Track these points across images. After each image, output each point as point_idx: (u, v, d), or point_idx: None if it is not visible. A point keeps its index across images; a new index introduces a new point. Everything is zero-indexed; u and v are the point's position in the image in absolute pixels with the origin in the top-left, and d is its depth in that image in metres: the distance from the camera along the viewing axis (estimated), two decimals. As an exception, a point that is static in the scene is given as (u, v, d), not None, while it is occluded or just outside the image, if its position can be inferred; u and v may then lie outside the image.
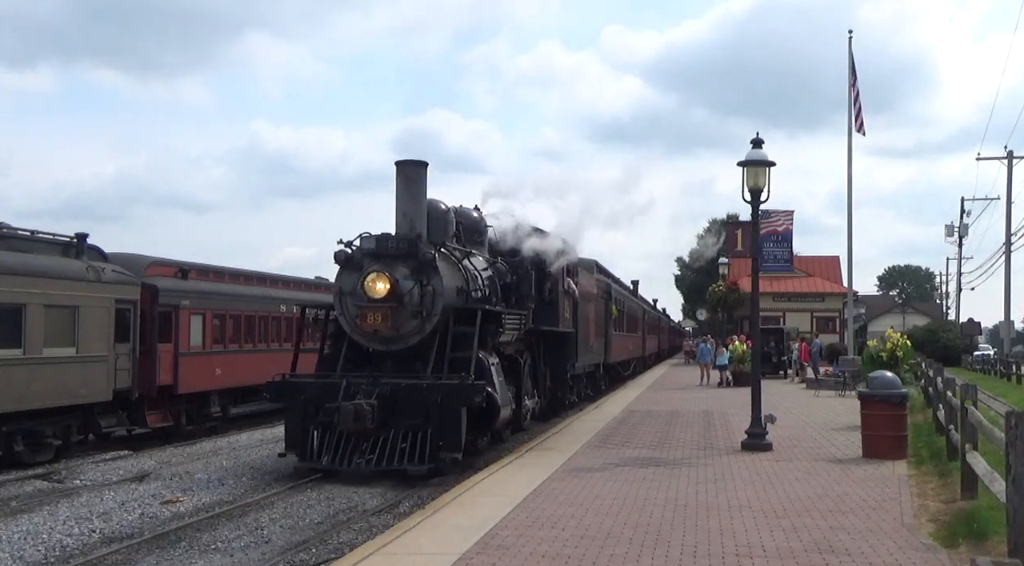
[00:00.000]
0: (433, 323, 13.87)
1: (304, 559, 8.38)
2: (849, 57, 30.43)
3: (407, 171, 14.61)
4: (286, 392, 13.86)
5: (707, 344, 37.16)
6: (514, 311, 16.03)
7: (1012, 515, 6.61)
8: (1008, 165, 48.39)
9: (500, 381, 14.07)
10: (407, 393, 13.12)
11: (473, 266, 15.64)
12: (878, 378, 13.69)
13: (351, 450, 12.99)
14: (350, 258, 14.25)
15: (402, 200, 14.46)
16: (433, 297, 13.88)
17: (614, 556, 7.33)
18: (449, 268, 14.53)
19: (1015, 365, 37.55)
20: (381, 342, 14.07)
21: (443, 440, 12.91)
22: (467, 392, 13.02)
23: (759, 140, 14.40)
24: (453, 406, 12.96)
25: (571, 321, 19.84)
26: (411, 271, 13.85)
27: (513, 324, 15.48)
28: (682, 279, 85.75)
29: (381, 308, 13.67)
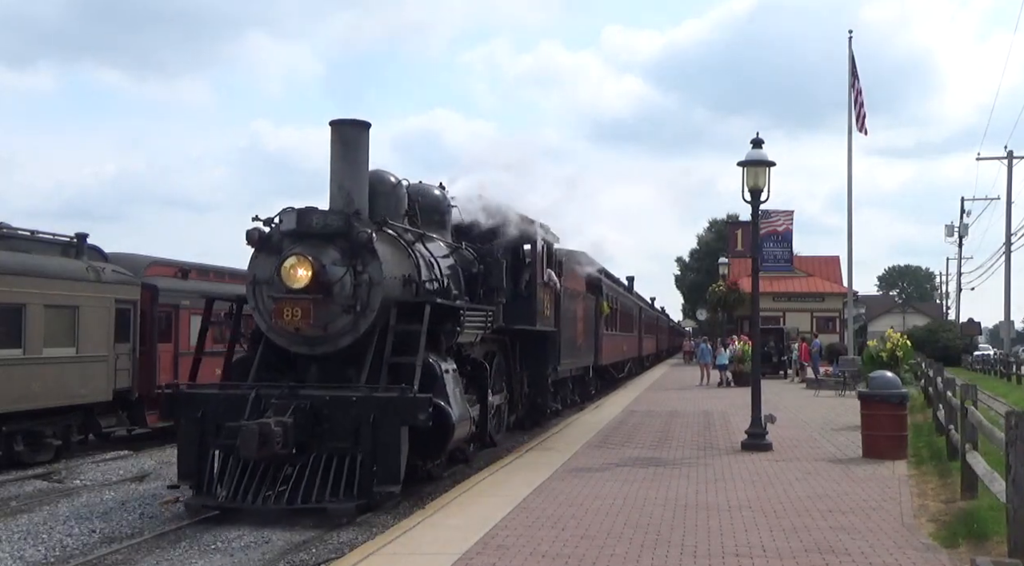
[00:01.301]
0: (369, 320, 11.21)
1: (304, 559, 8.38)
2: (849, 57, 30.48)
3: (344, 133, 11.81)
4: (179, 406, 11.18)
5: (707, 344, 37.19)
6: (479, 306, 13.34)
7: (1012, 515, 6.62)
8: (1008, 165, 48.42)
9: (456, 391, 11.53)
10: (332, 408, 10.52)
11: (429, 252, 12.97)
12: (878, 378, 13.70)
13: (258, 482, 10.35)
14: (267, 239, 11.50)
15: (337, 169, 11.75)
16: (370, 287, 11.18)
17: (614, 556, 7.33)
18: (394, 253, 11.87)
19: (1015, 365, 37.53)
20: (304, 344, 11.40)
21: (377, 468, 10.30)
22: (408, 407, 10.31)
23: (759, 140, 14.40)
24: (390, 425, 10.33)
25: (552, 318, 17.59)
26: (342, 255, 11.16)
27: (476, 322, 12.77)
28: (682, 279, 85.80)
29: (302, 301, 10.94)
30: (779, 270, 39.64)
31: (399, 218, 12.76)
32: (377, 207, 12.20)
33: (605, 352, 25.87)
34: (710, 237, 77.79)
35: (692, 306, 78.57)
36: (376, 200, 12.26)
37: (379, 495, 10.35)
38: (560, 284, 17.95)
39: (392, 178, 12.97)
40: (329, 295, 11.09)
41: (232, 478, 10.39)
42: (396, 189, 12.97)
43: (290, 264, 10.97)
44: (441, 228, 14.46)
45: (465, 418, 11.70)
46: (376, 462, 10.31)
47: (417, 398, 10.40)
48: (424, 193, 14.20)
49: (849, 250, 31.63)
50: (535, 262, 16.38)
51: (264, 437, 9.96)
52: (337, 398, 10.63)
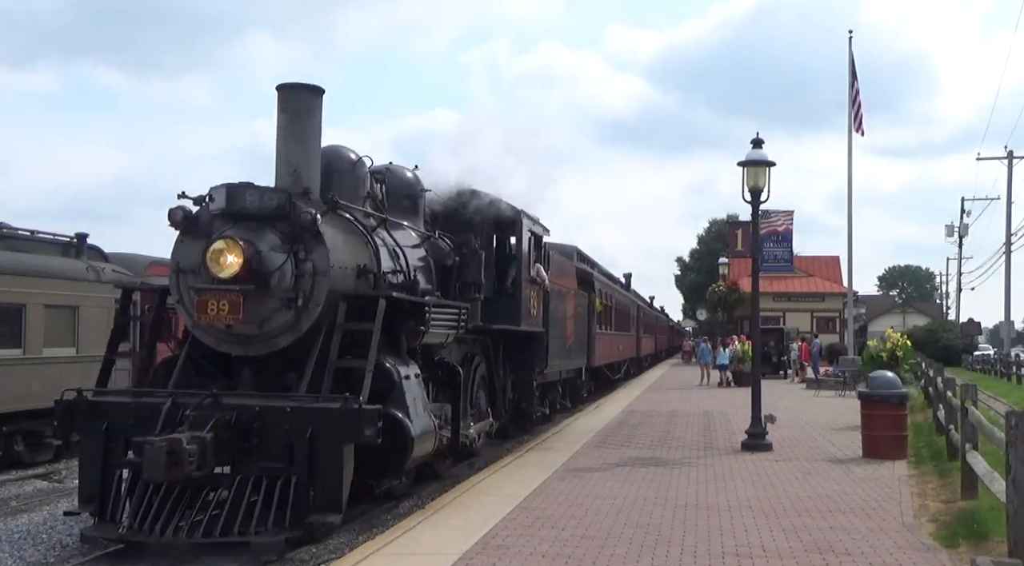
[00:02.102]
0: (313, 316, 9.62)
1: (304, 559, 8.37)
2: (849, 57, 30.49)
3: (292, 99, 10.23)
4: (80, 418, 9.42)
5: (707, 344, 37.19)
6: (450, 303, 11.78)
7: (1012, 515, 6.62)
8: (1008, 165, 48.46)
9: (419, 400, 9.99)
10: (262, 421, 8.85)
11: (394, 240, 11.51)
12: (878, 378, 13.71)
13: (169, 510, 8.58)
14: (194, 220, 9.87)
15: (284, 141, 10.20)
16: (314, 278, 9.60)
17: (614, 556, 7.33)
18: (347, 239, 10.34)
19: (1015, 365, 37.53)
20: (236, 343, 9.79)
21: (314, 493, 8.68)
22: (352, 421, 8.65)
23: (759, 140, 14.42)
24: (330, 442, 8.69)
25: (539, 317, 16.17)
26: (282, 240, 9.58)
27: (447, 320, 11.24)
28: (682, 279, 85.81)
29: (230, 292, 9.33)
30: (779, 270, 39.65)
31: (359, 200, 11.24)
32: (333, 187, 10.75)
33: (599, 353, 24.53)
34: (710, 237, 77.83)
35: (692, 306, 78.57)
36: (332, 179, 10.89)
37: (316, 526, 8.63)
38: (549, 280, 16.71)
39: (352, 155, 11.46)
40: (265, 287, 9.49)
41: (138, 505, 8.64)
42: (356, 168, 11.43)
43: (217, 249, 9.32)
44: (412, 215, 12.96)
45: (429, 431, 10.07)
46: (313, 486, 8.68)
47: (363, 410, 8.68)
48: (393, 175, 12.68)
49: (849, 250, 31.64)
50: (520, 255, 14.97)
51: (174, 456, 8.24)
52: (268, 409, 8.92)
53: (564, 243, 22.22)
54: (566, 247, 22.11)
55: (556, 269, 18.16)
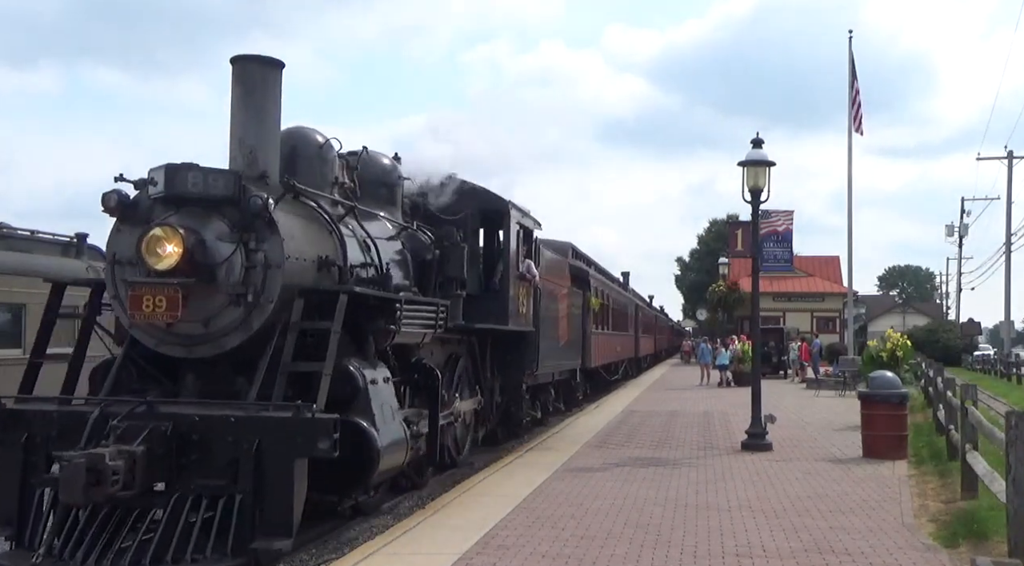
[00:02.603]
0: (266, 314, 8.56)
1: (304, 559, 8.37)
2: (849, 57, 30.51)
3: (247, 73, 9.21)
4: None
5: (707, 344, 37.19)
6: (426, 300, 10.79)
7: (1012, 515, 6.62)
8: (1008, 165, 48.48)
9: (388, 407, 9.03)
10: (202, 433, 7.79)
11: (365, 231, 10.54)
12: (878, 378, 13.72)
13: (93, 534, 7.55)
14: (132, 206, 8.80)
15: (238, 120, 9.20)
16: (266, 271, 8.56)
17: (614, 556, 7.33)
18: (307, 228, 9.33)
19: (1015, 365, 37.54)
20: (178, 344, 8.74)
21: (261, 515, 7.57)
22: (304, 432, 7.59)
23: (759, 140, 14.43)
24: (279, 456, 7.61)
25: (530, 316, 15.14)
26: (231, 228, 8.58)
27: (422, 319, 10.28)
28: (682, 279, 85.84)
29: (167, 287, 8.27)
30: (779, 270, 39.61)
31: (326, 187, 10.30)
32: (298, 172, 9.84)
33: (595, 353, 23.57)
34: (710, 237, 77.85)
35: (692, 306, 78.60)
36: (296, 164, 10.01)
37: (261, 553, 7.50)
38: (540, 276, 15.82)
39: (319, 137, 10.47)
40: (211, 280, 8.47)
41: (58, 529, 7.64)
42: (323, 151, 10.42)
43: (153, 237, 8.29)
44: (389, 205, 12.04)
45: (399, 442, 9.07)
46: (260, 506, 7.60)
47: (317, 419, 7.62)
48: (368, 161, 11.74)
49: (849, 250, 31.67)
50: (508, 250, 13.98)
51: (95, 474, 7.17)
52: (208, 419, 7.86)
53: (559, 239, 21.81)
54: (560, 243, 21.59)
55: (548, 265, 17.43)
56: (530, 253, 15.35)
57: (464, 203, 13.47)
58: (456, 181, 13.65)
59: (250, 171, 9.04)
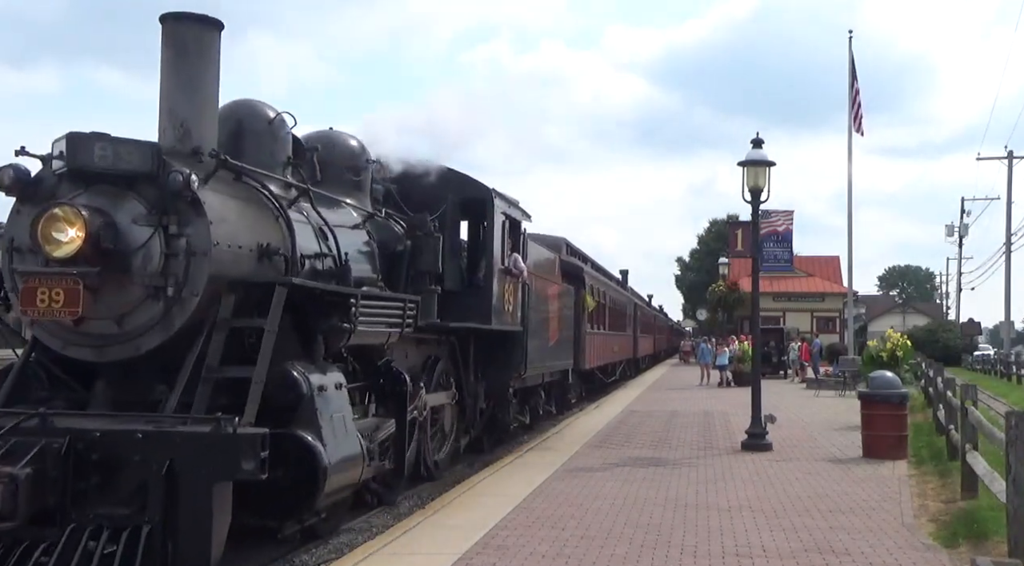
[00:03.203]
0: (189, 309, 7.41)
1: (304, 560, 8.37)
2: (849, 58, 30.53)
3: (179, 34, 7.99)
4: None
5: (707, 344, 37.19)
6: (390, 295, 9.77)
7: (1012, 515, 6.62)
8: (1008, 165, 48.53)
9: (340, 417, 7.91)
10: (104, 451, 6.57)
11: (321, 217, 9.40)
12: (878, 378, 13.72)
13: None
14: (34, 183, 7.56)
15: (169, 87, 7.96)
16: (189, 260, 7.39)
17: (614, 556, 7.33)
18: (244, 211, 8.12)
19: (1015, 365, 37.55)
20: (87, 345, 7.53)
21: (174, 549, 6.47)
22: (225, 451, 6.49)
23: (759, 140, 14.43)
24: (195, 480, 6.46)
25: (516, 314, 14.12)
26: (149, 209, 7.38)
27: (387, 316, 9.24)
28: (682, 279, 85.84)
29: (65, 278, 7.09)
30: (779, 270, 39.67)
31: (278, 168, 9.15)
32: (245, 151, 8.79)
33: (590, 354, 22.64)
34: (710, 237, 77.83)
35: (692, 306, 78.59)
36: (243, 141, 8.92)
37: None
38: (529, 272, 14.87)
39: (269, 111, 9.30)
40: (125, 270, 7.32)
41: None
42: (274, 127, 9.23)
43: (50, 219, 7.07)
44: (356, 191, 10.96)
45: (352, 457, 7.99)
46: (172, 539, 6.44)
47: (240, 436, 6.50)
48: (330, 142, 10.69)
49: (849, 250, 31.68)
50: (492, 242, 12.90)
51: None
52: (112, 435, 6.61)
53: (553, 235, 21.38)
54: (553, 239, 20.95)
55: (539, 261, 16.59)
56: (517, 247, 14.28)
57: (443, 191, 12.36)
58: (435, 166, 12.59)
59: (181, 146, 7.88)
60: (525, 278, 14.50)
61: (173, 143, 7.90)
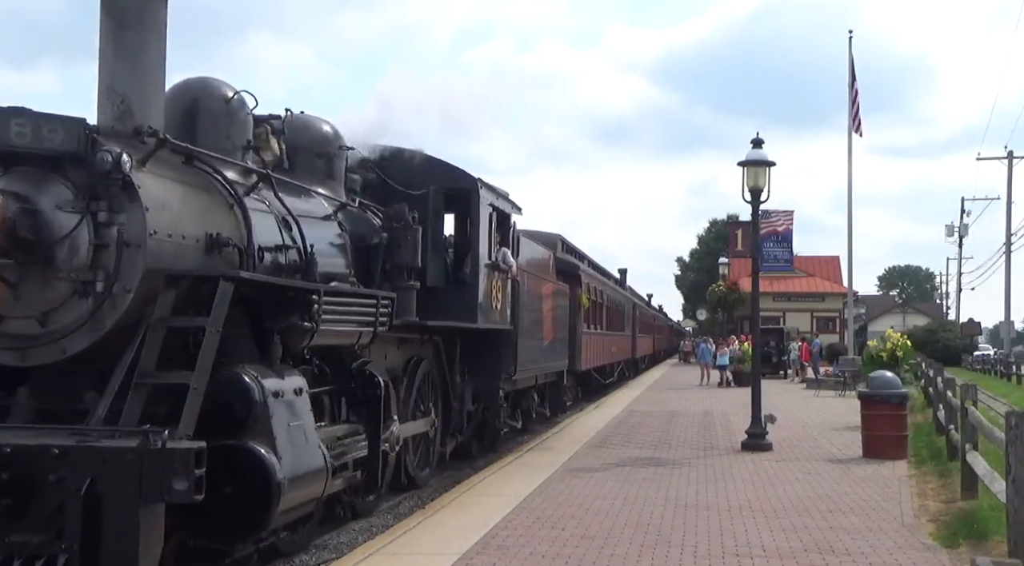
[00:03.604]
0: (122, 307, 6.64)
1: (304, 559, 8.37)
2: (849, 58, 30.53)
3: (120, 1, 7.26)
4: None
5: (707, 344, 37.20)
6: (361, 292, 9.07)
7: (1012, 515, 6.62)
8: (1008, 165, 48.58)
9: (297, 427, 7.11)
10: (15, 470, 5.77)
11: (285, 206, 8.62)
12: (878, 378, 13.72)
13: None
14: None
15: (108, 60, 7.21)
16: (121, 251, 6.63)
17: (614, 556, 7.33)
18: (191, 198, 7.36)
19: (1015, 365, 37.58)
20: (7, 347, 6.79)
21: None
22: (152, 469, 5.66)
23: (759, 140, 14.44)
24: (120, 502, 5.66)
25: (506, 312, 13.46)
26: (76, 194, 6.63)
27: (355, 314, 8.49)
28: (682, 279, 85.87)
29: None
30: (779, 270, 39.70)
31: (237, 152, 8.41)
32: (199, 132, 8.13)
33: (586, 354, 21.93)
34: (710, 237, 77.86)
35: (692, 306, 78.61)
36: (197, 123, 8.20)
37: None
38: (520, 268, 14.22)
39: (227, 91, 8.46)
40: (48, 263, 6.58)
41: None
42: (232, 108, 8.44)
43: None
44: (328, 179, 10.20)
45: (313, 470, 7.22)
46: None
47: (170, 451, 5.69)
48: (301, 126, 9.93)
49: (849, 250, 31.66)
50: (478, 236, 12.17)
51: None
52: (24, 451, 5.81)
53: (548, 231, 20.99)
54: (548, 235, 20.45)
55: (531, 257, 15.96)
56: (507, 241, 13.59)
57: (425, 181, 11.57)
58: (415, 154, 11.91)
59: (120, 125, 7.10)
60: (514, 273, 13.78)
61: (112, 122, 7.13)
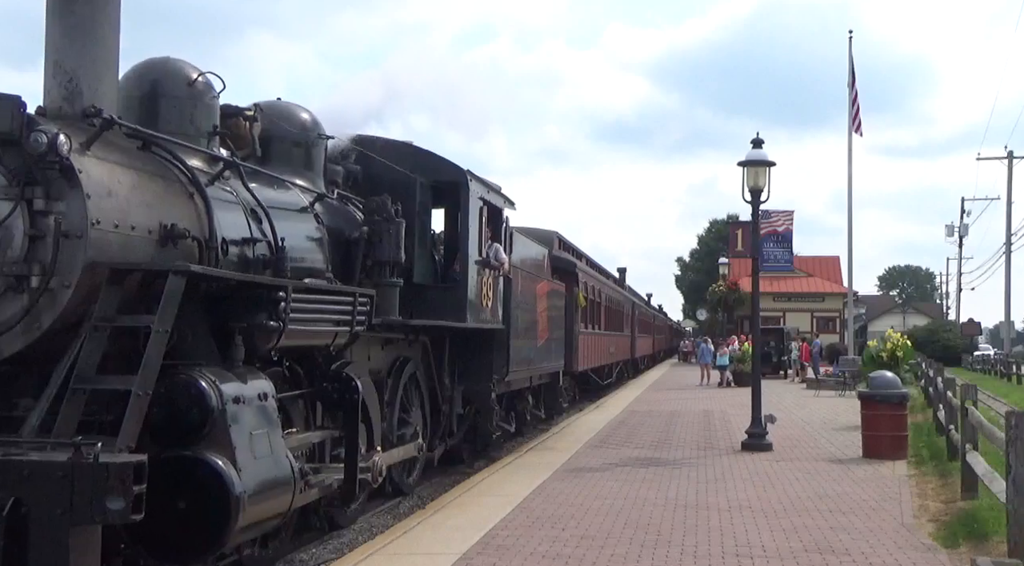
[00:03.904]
0: (60, 305, 6.03)
1: (304, 559, 8.37)
2: (849, 58, 30.53)
3: None
4: None
5: (707, 344, 37.21)
6: (335, 288, 8.38)
7: (1012, 515, 6.63)
8: (1008, 165, 48.64)
9: (261, 435, 6.49)
10: None
11: (254, 197, 7.94)
12: (878, 378, 13.72)
13: None
14: None
15: (55, 35, 6.71)
16: (59, 242, 6.02)
17: (614, 556, 7.33)
18: (143, 185, 6.69)
19: (1015, 365, 37.59)
20: None
21: None
22: (84, 486, 5.01)
23: (759, 140, 14.45)
24: (48, 523, 5.01)
25: (498, 311, 12.94)
26: (10, 180, 6.07)
27: (330, 312, 7.91)
28: (682, 279, 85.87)
29: None
30: (779, 270, 39.69)
31: (200, 138, 7.77)
32: (159, 117, 7.55)
33: (583, 354, 21.28)
34: (710, 237, 77.87)
35: (692, 306, 78.62)
36: (157, 106, 7.60)
37: None
38: (512, 265, 13.68)
39: (191, 72, 7.81)
40: None
41: None
42: (196, 91, 7.78)
43: None
44: (305, 169, 9.49)
45: (279, 482, 6.57)
46: None
47: (104, 465, 5.04)
48: (276, 113, 9.32)
49: (849, 250, 31.67)
50: (467, 230, 11.64)
51: None
52: None
53: (541, 227, 20.48)
54: (544, 232, 19.95)
55: (526, 254, 15.38)
56: (499, 236, 13.08)
57: (412, 173, 11.03)
58: (402, 145, 11.44)
59: (69, 106, 6.61)
60: (506, 270, 13.20)
61: (59, 102, 6.64)
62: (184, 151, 7.35)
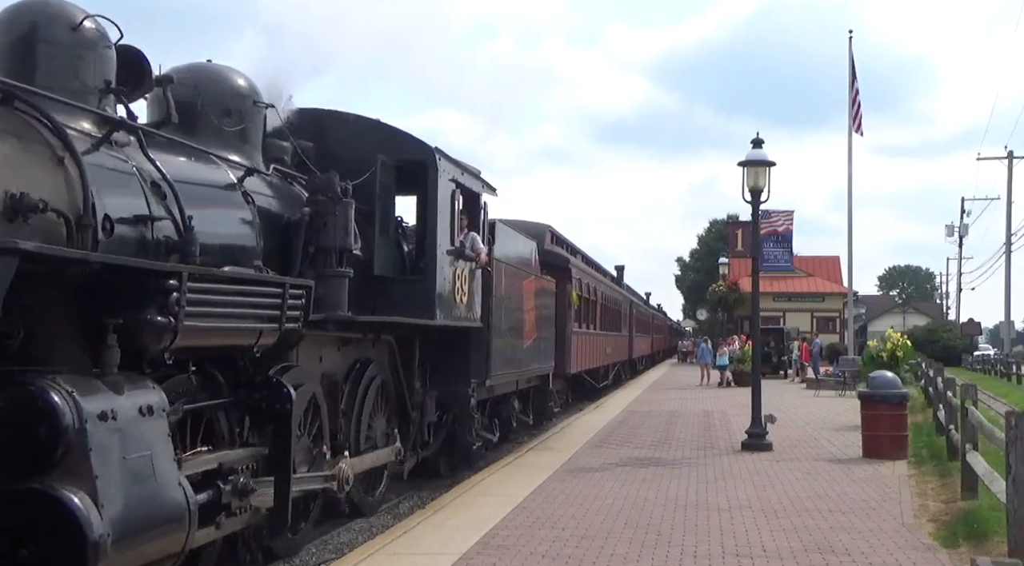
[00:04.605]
0: None
1: (304, 559, 8.37)
2: (849, 58, 30.52)
3: None
4: None
5: (707, 344, 37.21)
6: (255, 278, 7.00)
7: (1012, 515, 6.62)
8: (1008, 165, 48.65)
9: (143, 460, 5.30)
10: None
11: (156, 167, 6.63)
12: (878, 378, 13.72)
13: None
14: None
15: None
16: None
17: (614, 556, 7.33)
18: None
19: (1015, 365, 37.61)
20: None
21: None
22: None
23: (759, 140, 14.45)
24: None
25: (476, 307, 11.73)
26: None
27: (249, 306, 6.63)
28: (682, 279, 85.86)
29: None
30: (779, 270, 39.68)
31: (89, 95, 6.43)
32: (36, 67, 6.21)
33: (577, 355, 20.16)
34: (710, 237, 77.85)
35: (692, 306, 78.60)
36: (34, 55, 6.24)
37: None
38: (495, 257, 12.61)
39: (77, 15, 6.46)
40: None
41: None
42: (82, 38, 6.43)
43: None
44: (239, 142, 8.17)
45: (161, 517, 5.40)
46: None
47: None
48: (205, 79, 8.03)
49: (849, 250, 31.67)
50: (435, 215, 10.36)
51: None
52: None
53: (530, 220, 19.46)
54: (535, 225, 19.11)
55: (510, 246, 14.30)
56: (477, 225, 11.90)
57: (373, 151, 9.85)
58: (364, 120, 10.38)
59: None
60: (484, 261, 11.88)
61: None
62: (61, 109, 6.00)
